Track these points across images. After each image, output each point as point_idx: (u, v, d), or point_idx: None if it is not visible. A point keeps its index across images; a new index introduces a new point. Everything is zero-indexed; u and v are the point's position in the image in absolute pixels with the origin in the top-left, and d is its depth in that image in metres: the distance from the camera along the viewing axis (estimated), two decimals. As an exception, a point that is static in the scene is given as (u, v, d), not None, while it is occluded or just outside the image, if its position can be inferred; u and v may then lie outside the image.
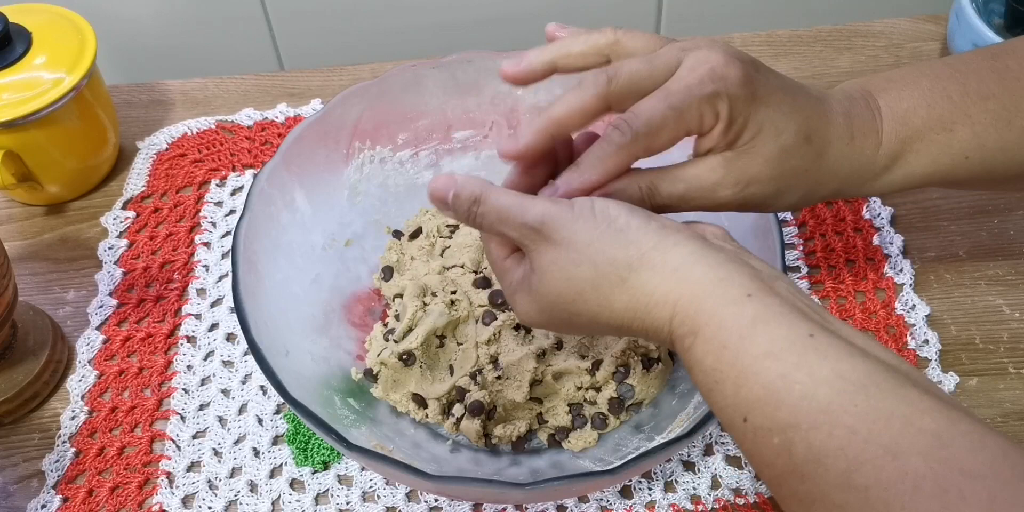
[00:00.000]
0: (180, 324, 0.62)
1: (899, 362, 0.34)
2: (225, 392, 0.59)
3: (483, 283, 0.56)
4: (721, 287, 0.35)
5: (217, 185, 0.70)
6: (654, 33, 0.42)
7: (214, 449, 0.56)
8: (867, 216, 0.65)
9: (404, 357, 0.54)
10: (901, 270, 0.62)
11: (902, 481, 0.29)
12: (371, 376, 0.55)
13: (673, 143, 0.41)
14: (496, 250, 0.43)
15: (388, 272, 0.59)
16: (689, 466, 0.55)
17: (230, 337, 0.61)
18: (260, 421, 0.57)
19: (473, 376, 0.53)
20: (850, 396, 0.31)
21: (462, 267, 0.58)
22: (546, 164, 0.44)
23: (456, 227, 0.60)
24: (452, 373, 0.54)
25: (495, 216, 0.39)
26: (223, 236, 0.67)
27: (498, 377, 0.53)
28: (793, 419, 0.32)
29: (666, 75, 0.41)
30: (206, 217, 0.68)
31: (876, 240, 0.64)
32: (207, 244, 0.66)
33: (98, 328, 0.62)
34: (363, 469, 0.55)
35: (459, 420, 0.53)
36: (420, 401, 0.54)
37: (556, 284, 0.38)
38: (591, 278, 0.37)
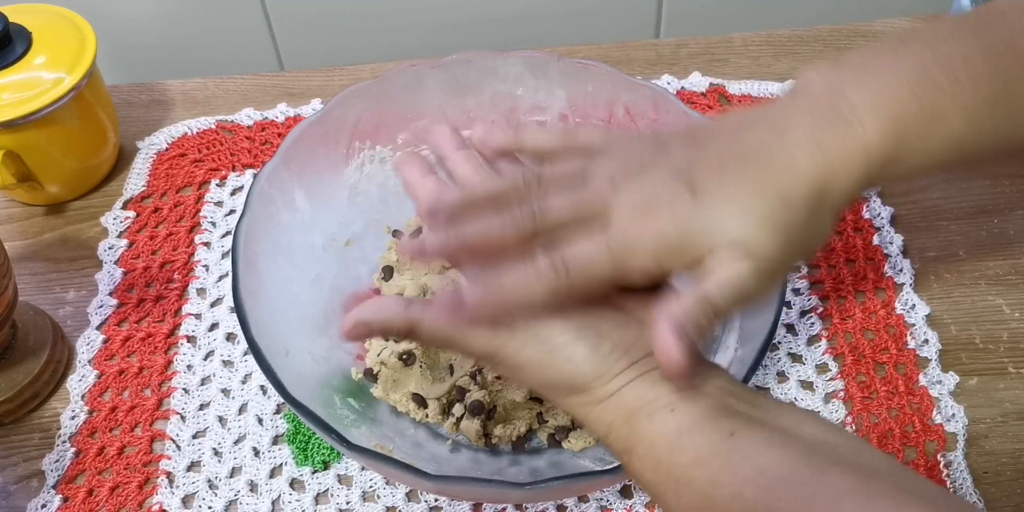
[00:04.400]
0: (180, 324, 0.62)
1: (826, 433, 0.35)
2: (225, 392, 0.59)
3: (483, 283, 0.56)
4: (648, 408, 0.37)
5: (217, 185, 0.70)
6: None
7: (214, 449, 0.56)
8: (867, 216, 0.65)
9: (404, 357, 0.54)
10: (901, 270, 0.62)
11: None
12: (371, 376, 0.55)
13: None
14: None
15: (388, 272, 0.59)
16: (689, 466, 0.55)
17: (230, 337, 0.61)
18: (260, 421, 0.57)
19: (473, 376, 0.53)
20: (773, 491, 0.33)
21: (462, 267, 0.58)
22: None
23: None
24: (452, 373, 0.54)
25: (439, 344, 0.40)
26: (223, 236, 0.67)
27: (498, 377, 0.53)
28: None
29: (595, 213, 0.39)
30: (206, 217, 0.68)
31: (876, 240, 0.64)
32: (207, 244, 0.66)
33: (98, 328, 0.62)
34: (363, 469, 0.55)
35: (459, 420, 0.53)
36: (420, 401, 0.54)
37: (517, 379, 0.42)
38: (546, 382, 0.40)
